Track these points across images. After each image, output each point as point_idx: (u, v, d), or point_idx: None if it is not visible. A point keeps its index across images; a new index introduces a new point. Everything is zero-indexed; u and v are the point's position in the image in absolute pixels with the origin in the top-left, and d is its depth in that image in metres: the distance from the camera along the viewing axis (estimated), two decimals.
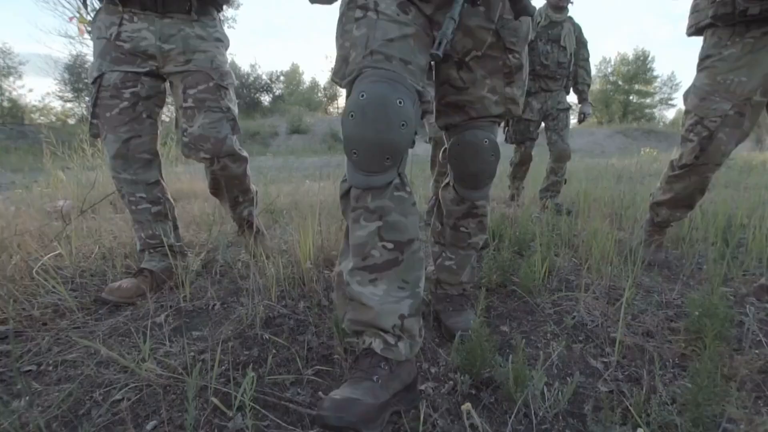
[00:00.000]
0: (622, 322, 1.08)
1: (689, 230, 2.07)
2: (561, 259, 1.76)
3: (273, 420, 0.88)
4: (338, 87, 1.28)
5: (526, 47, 1.09)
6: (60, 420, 0.88)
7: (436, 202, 1.31)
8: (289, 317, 1.28)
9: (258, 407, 0.89)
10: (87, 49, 20.04)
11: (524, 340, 1.11)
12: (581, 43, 3.12)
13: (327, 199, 2.74)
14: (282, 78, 32.14)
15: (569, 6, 2.99)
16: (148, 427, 0.87)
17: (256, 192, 1.80)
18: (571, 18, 3.04)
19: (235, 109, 1.52)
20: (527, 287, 1.42)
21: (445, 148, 1.16)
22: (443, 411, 0.90)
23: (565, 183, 3.27)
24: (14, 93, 21.23)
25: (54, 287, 1.31)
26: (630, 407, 0.84)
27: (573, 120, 4.12)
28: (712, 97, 1.52)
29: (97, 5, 1.41)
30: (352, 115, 0.80)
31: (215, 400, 0.88)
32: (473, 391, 0.95)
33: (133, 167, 1.43)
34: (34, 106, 22.19)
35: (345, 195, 0.89)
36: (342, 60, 0.91)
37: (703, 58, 1.58)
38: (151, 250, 1.51)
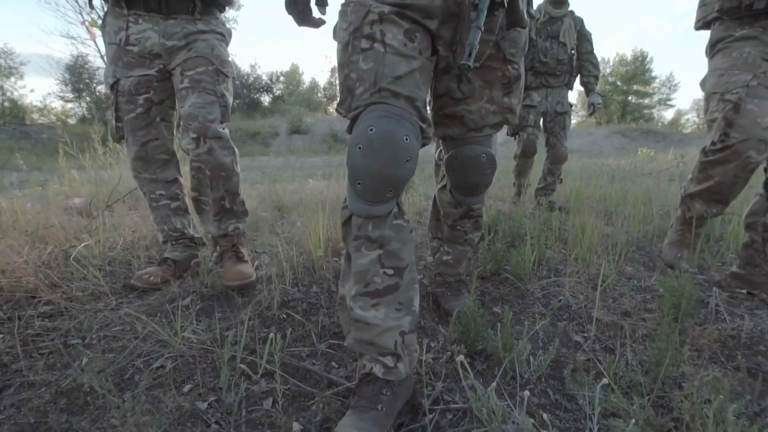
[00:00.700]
0: (598, 302, 1.22)
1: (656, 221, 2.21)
2: (551, 250, 1.90)
3: (294, 383, 1.01)
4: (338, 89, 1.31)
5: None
6: (101, 387, 1.01)
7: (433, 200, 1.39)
8: (302, 300, 1.41)
9: (280, 372, 1.02)
10: (88, 49, 20.11)
11: (512, 314, 1.25)
12: (583, 36, 3.05)
13: (332, 197, 2.88)
14: (282, 78, 32.27)
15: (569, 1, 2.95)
16: (185, 389, 1.01)
17: (245, 210, 1.60)
18: (572, 12, 2.98)
19: (230, 99, 1.50)
20: (518, 274, 1.55)
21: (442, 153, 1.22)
22: (442, 376, 1.03)
23: (560, 182, 3.32)
24: (15, 93, 21.33)
25: (90, 273, 1.44)
26: (603, 370, 0.97)
27: (573, 120, 4.19)
28: (731, 71, 1.46)
29: (104, 7, 1.46)
30: (359, 147, 0.83)
31: (244, 367, 1.01)
32: (468, 360, 1.09)
33: (152, 167, 1.51)
34: (35, 106, 22.31)
35: (347, 222, 0.92)
36: (347, 91, 0.92)
37: (715, 43, 1.54)
38: (173, 242, 1.63)
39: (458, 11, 0.91)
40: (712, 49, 1.55)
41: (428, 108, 1.15)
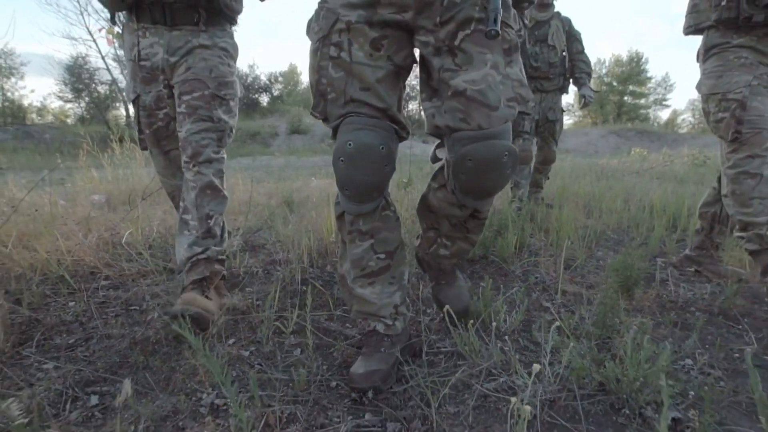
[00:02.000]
0: (563, 277, 1.48)
1: (645, 216, 2.48)
2: (534, 238, 2.16)
3: (318, 336, 1.27)
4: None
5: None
6: (162, 337, 1.26)
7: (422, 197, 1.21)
8: (318, 277, 1.67)
9: (310, 327, 1.27)
10: (89, 50, 20.24)
11: (494, 285, 1.50)
12: (572, 36, 3.04)
13: (336, 193, 3.13)
14: (280, 79, 32.49)
15: (554, 3, 2.96)
16: (230, 342, 1.26)
17: (224, 237, 1.48)
18: (558, 13, 2.97)
19: (229, 122, 1.47)
20: (503, 257, 1.81)
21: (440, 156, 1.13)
22: (435, 331, 1.29)
23: (547, 179, 3.37)
24: (16, 94, 21.48)
25: (138, 254, 1.69)
26: (562, 325, 1.23)
27: (570, 120, 4.20)
28: (730, 73, 1.48)
29: (122, 19, 1.49)
30: (342, 160, 0.93)
31: (279, 324, 1.27)
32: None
33: (178, 175, 1.53)
34: (35, 106, 22.47)
35: (340, 216, 1.06)
36: (320, 95, 0.99)
37: (711, 47, 1.55)
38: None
39: (432, 0, 0.90)
40: (707, 53, 1.56)
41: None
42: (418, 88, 1.11)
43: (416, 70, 1.09)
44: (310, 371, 1.07)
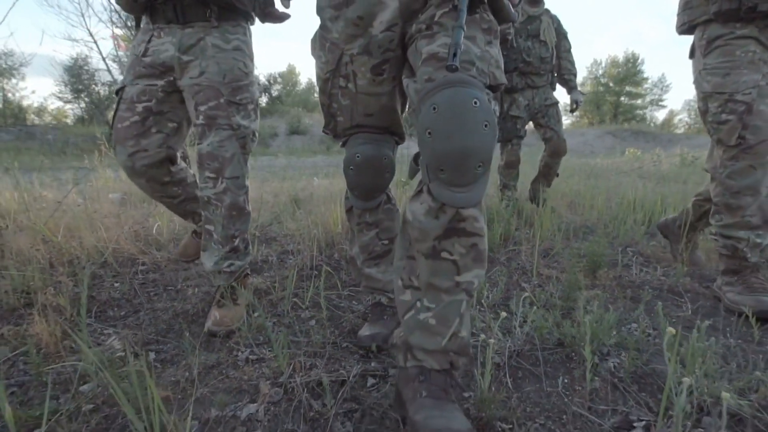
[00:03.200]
0: (538, 262, 1.71)
1: (622, 211, 2.72)
2: (519, 232, 2.40)
3: (330, 309, 1.50)
4: None
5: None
6: (199, 310, 1.49)
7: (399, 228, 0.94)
8: (327, 263, 1.90)
9: (324, 302, 1.51)
10: (90, 52, 20.36)
11: None
12: (561, 34, 3.05)
13: (339, 191, 3.37)
14: (279, 79, 32.72)
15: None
16: (255, 314, 1.49)
17: (248, 251, 1.51)
18: (548, 11, 2.99)
19: (252, 125, 1.45)
20: (489, 247, 2.05)
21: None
22: None
23: (557, 176, 3.17)
24: (17, 94, 21.64)
25: (169, 243, 1.92)
26: (533, 297, 1.47)
27: (567, 121, 4.01)
28: (739, 70, 1.39)
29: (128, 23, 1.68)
30: (352, 168, 1.13)
31: (296, 300, 1.50)
32: None
33: (141, 177, 1.42)
34: (35, 107, 22.63)
35: (349, 210, 1.27)
36: (331, 116, 1.15)
37: (712, 40, 1.45)
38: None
39: (418, 7, 0.92)
40: (710, 45, 1.46)
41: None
42: None
43: None
44: (325, 336, 1.31)
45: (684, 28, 1.57)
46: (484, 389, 0.88)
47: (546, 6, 2.99)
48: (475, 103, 0.72)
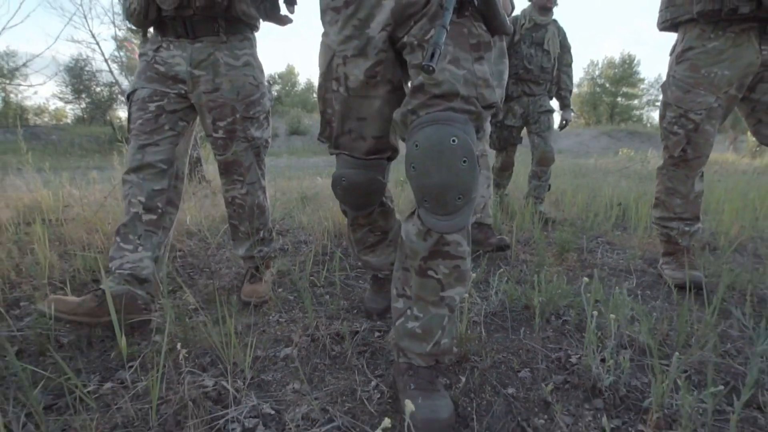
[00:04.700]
0: (514, 248, 2.03)
1: (599, 206, 3.04)
2: (504, 225, 2.71)
3: (342, 287, 1.80)
4: None
5: (502, 43, 1.61)
6: (233, 286, 1.79)
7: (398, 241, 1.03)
8: (336, 251, 2.21)
9: (338, 279, 1.81)
10: (90, 52, 20.55)
11: None
12: (564, 48, 3.06)
13: None
14: (278, 80, 33.03)
15: (554, 9, 2.96)
16: (279, 290, 1.80)
17: (273, 238, 1.77)
18: (555, 21, 2.99)
19: (265, 134, 1.61)
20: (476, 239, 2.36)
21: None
22: None
23: (549, 189, 3.16)
24: (19, 96, 21.87)
25: (199, 232, 2.23)
26: (508, 274, 1.78)
27: (556, 124, 3.89)
28: (697, 90, 1.54)
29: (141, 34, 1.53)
30: (339, 189, 1.11)
31: (313, 279, 1.81)
32: None
33: (143, 172, 1.41)
34: (35, 107, 22.88)
35: (344, 211, 1.27)
36: (326, 123, 1.09)
37: (685, 50, 1.57)
38: (117, 269, 1.35)
39: (413, 12, 0.91)
40: (681, 55, 1.59)
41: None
42: None
43: None
44: (339, 305, 1.61)
45: (666, 25, 1.65)
46: (462, 332, 1.19)
47: (555, 17, 3.00)
48: (453, 141, 0.77)
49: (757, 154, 10.73)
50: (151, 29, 1.49)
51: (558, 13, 3.07)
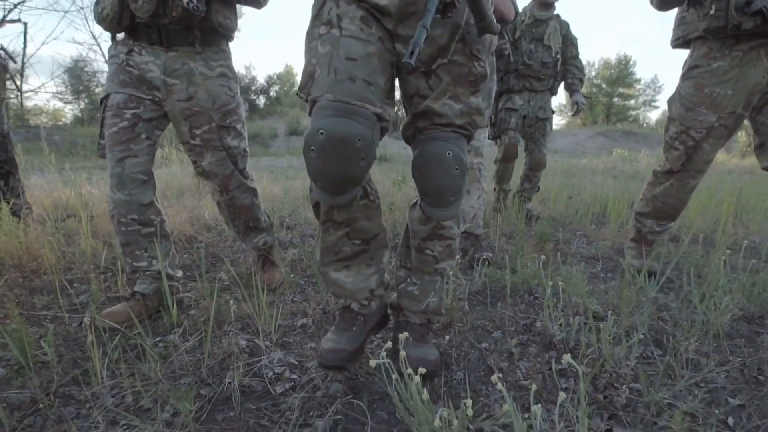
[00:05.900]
0: (499, 239, 2.29)
1: (581, 204, 3.31)
2: (493, 221, 2.98)
3: None
4: None
5: (492, 58, 1.57)
6: (252, 272, 2.04)
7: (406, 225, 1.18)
8: None
9: None
10: (95, 54, 20.77)
11: None
12: (569, 40, 3.02)
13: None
14: (277, 80, 33.25)
15: (555, 4, 2.95)
16: (292, 275, 2.05)
17: (271, 224, 1.87)
18: (557, 16, 2.97)
19: (241, 143, 1.60)
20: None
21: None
22: None
23: (538, 190, 3.32)
24: (20, 96, 22.01)
25: (216, 226, 2.50)
26: (490, 260, 2.04)
27: (563, 121, 3.94)
28: (699, 109, 1.57)
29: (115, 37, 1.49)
30: (312, 150, 0.85)
31: (313, 269, 2.07)
32: None
33: (128, 187, 1.41)
34: (34, 108, 23.06)
35: (315, 206, 1.00)
36: (308, 76, 0.95)
37: (691, 68, 1.61)
38: (141, 272, 1.51)
39: (415, 10, 0.93)
40: (688, 72, 1.63)
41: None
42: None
43: None
44: None
45: (678, 43, 1.70)
46: (448, 303, 1.46)
47: (556, 12, 2.98)
48: (449, 154, 0.97)
49: (747, 154, 11.03)
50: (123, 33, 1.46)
51: (559, 12, 3.03)
